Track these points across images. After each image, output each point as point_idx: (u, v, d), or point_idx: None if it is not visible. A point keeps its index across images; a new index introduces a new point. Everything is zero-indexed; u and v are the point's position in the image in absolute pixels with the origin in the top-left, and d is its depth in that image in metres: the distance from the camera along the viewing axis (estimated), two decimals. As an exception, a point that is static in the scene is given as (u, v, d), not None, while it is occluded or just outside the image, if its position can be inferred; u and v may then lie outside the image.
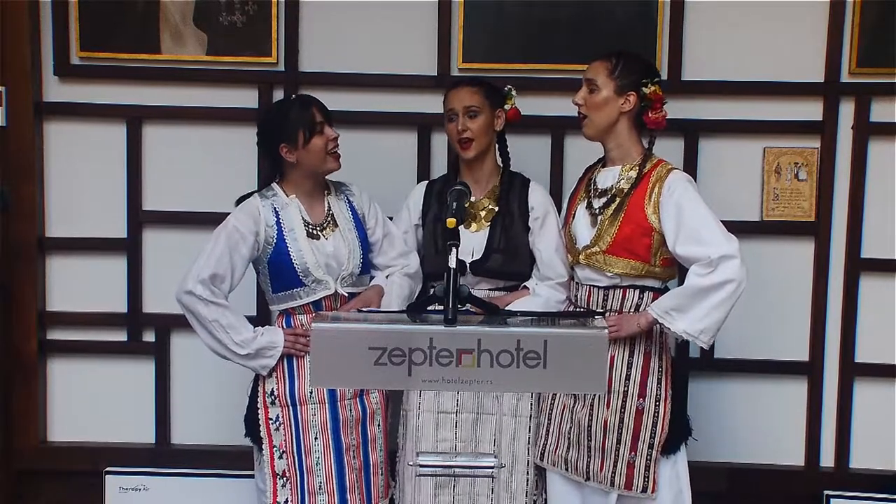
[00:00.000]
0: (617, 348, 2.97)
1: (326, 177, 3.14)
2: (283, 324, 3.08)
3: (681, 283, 3.12)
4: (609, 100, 2.96)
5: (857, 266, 3.68)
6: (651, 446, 2.94)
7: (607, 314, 2.99)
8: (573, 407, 3.03)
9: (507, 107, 3.22)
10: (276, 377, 3.03)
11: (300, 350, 3.01)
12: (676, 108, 3.29)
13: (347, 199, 3.17)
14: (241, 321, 2.99)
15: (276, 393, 3.02)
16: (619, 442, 2.96)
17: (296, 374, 3.03)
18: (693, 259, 2.84)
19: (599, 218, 2.99)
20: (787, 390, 3.73)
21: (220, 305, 2.94)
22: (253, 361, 3.00)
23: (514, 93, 3.24)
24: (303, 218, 3.05)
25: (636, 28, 3.59)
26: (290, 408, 3.02)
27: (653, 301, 2.94)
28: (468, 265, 3.11)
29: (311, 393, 3.01)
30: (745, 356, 3.70)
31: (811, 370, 3.71)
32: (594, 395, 2.97)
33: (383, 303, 3.11)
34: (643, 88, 2.96)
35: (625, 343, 2.96)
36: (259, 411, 3.04)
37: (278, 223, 3.02)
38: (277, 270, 3.02)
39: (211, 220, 3.12)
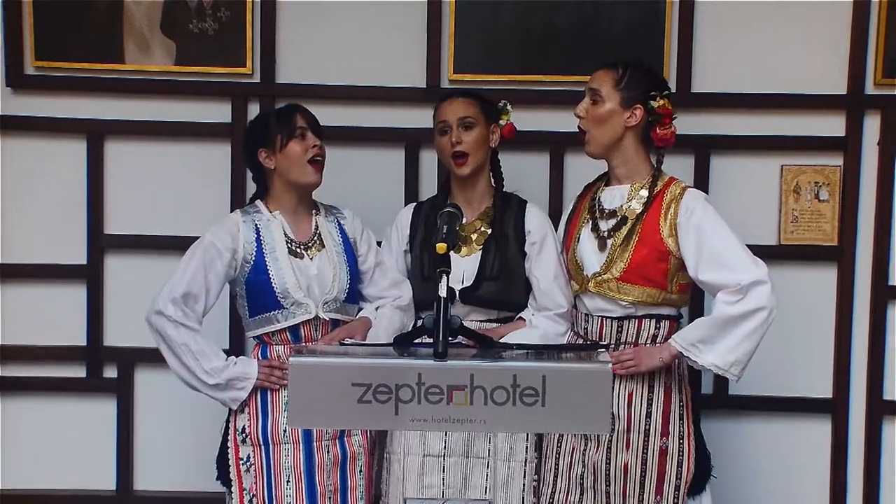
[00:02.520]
0: (635, 384, 3.00)
1: (316, 198, 3.21)
2: (259, 355, 3.13)
3: (693, 309, 3.15)
4: (613, 113, 3.00)
5: (885, 294, 3.73)
6: (678, 488, 2.98)
7: (622, 347, 3.03)
8: (585, 449, 3.05)
9: (502, 122, 3.27)
10: (249, 413, 3.07)
11: (274, 383, 3.05)
12: (686, 123, 3.32)
13: (338, 222, 3.24)
14: (213, 348, 3.03)
15: (247, 431, 3.06)
16: (642, 486, 2.98)
17: (269, 410, 3.07)
18: (719, 286, 2.88)
19: (609, 242, 3.02)
20: (809, 430, 3.77)
21: (191, 329, 2.98)
22: (222, 393, 3.03)
23: (509, 108, 3.29)
24: (286, 235, 3.11)
25: (642, 36, 3.66)
26: (262, 447, 3.06)
27: (669, 330, 3.00)
28: (457, 293, 3.13)
29: (284, 432, 3.05)
30: (762, 393, 3.74)
31: (835, 408, 3.76)
32: (611, 437, 2.99)
33: (370, 336, 3.14)
34: (651, 102, 3.00)
35: (643, 378, 3.00)
36: (229, 450, 3.08)
37: (258, 240, 3.08)
38: (255, 291, 3.07)
39: (179, 245, 3.15)
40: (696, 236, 2.91)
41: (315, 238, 3.15)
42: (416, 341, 2.30)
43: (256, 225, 3.10)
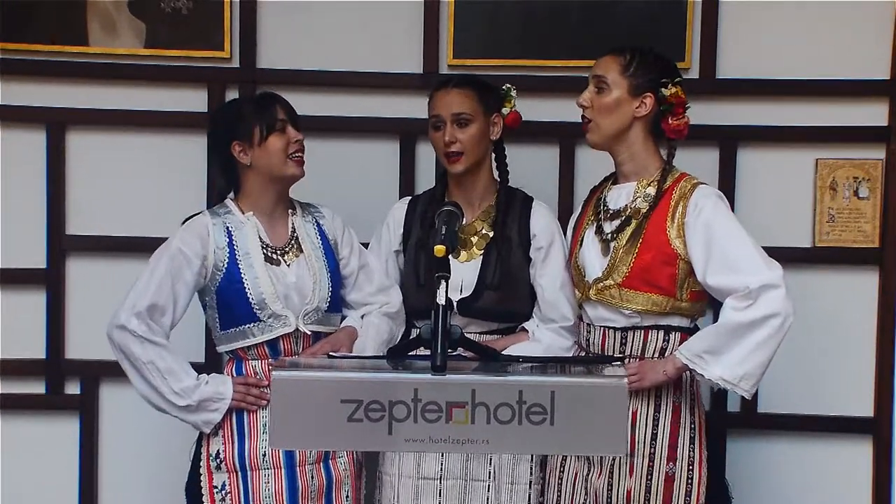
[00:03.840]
0: (639, 402, 2.99)
1: (292, 196, 3.20)
2: (233, 371, 3.12)
3: (714, 320, 3.15)
4: (621, 102, 3.01)
5: (931, 301, 3.72)
6: None
7: (626, 361, 3.01)
8: (587, 474, 3.05)
9: (505, 111, 3.26)
10: (223, 436, 3.06)
11: (252, 403, 3.05)
12: (710, 113, 3.33)
13: (317, 222, 3.23)
14: (183, 365, 3.02)
15: (222, 456, 3.05)
16: (646, 516, 2.98)
17: (246, 432, 3.06)
18: (727, 290, 2.87)
19: (613, 245, 3.02)
20: (848, 453, 3.76)
21: (157, 345, 2.97)
22: (194, 415, 3.03)
23: (513, 94, 3.27)
24: (261, 239, 3.09)
25: (661, 16, 3.66)
26: (239, 474, 3.04)
27: (680, 343, 2.98)
28: (455, 304, 3.13)
29: (264, 456, 3.04)
30: (794, 411, 3.74)
31: (877, 428, 3.74)
32: (614, 460, 2.98)
33: (356, 348, 3.14)
34: (662, 89, 3.01)
35: (648, 395, 2.99)
36: (202, 478, 3.07)
37: (231, 245, 3.06)
38: (227, 302, 3.06)
39: (150, 248, 3.13)
40: (705, 236, 2.91)
41: (292, 242, 3.15)
42: (412, 354, 2.31)
43: (228, 228, 3.08)
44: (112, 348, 3.01)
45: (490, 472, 3.11)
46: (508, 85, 3.29)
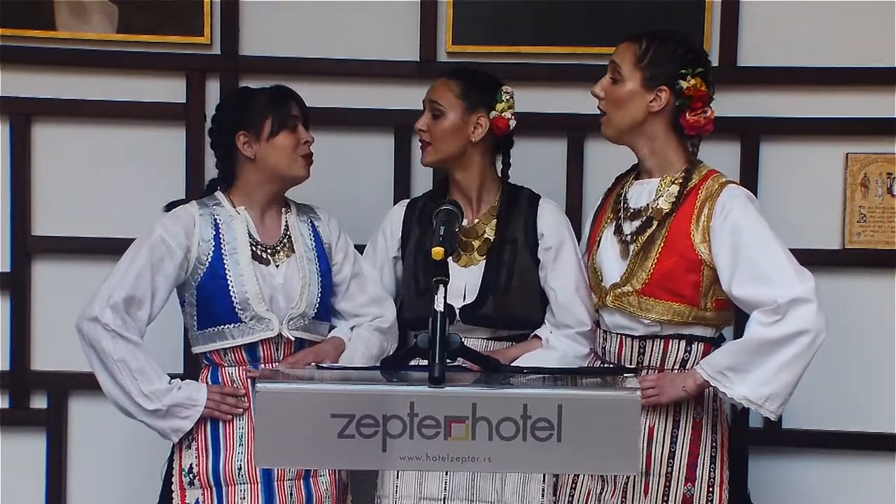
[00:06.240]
0: (657, 417, 3.00)
1: (288, 194, 3.23)
2: (208, 379, 3.14)
3: (738, 329, 3.16)
4: (634, 95, 2.99)
5: (969, 309, 3.72)
6: None
7: (644, 372, 3.02)
8: (601, 493, 3.06)
9: (492, 113, 3.21)
10: (197, 449, 3.08)
11: (226, 412, 3.07)
12: (731, 103, 3.34)
13: (312, 223, 3.26)
14: (155, 367, 3.03)
15: (195, 470, 3.07)
16: (661, 540, 3.00)
17: (221, 444, 3.09)
18: (755, 303, 2.86)
19: (632, 247, 3.02)
20: (877, 472, 3.77)
21: (130, 342, 2.99)
22: (162, 421, 3.04)
23: (506, 97, 3.21)
24: (250, 235, 3.12)
25: (678, -1, 3.67)
26: (214, 489, 3.07)
27: (703, 354, 2.98)
28: (458, 311, 3.15)
29: (239, 470, 3.07)
30: (820, 427, 3.75)
31: (910, 446, 3.76)
32: (628, 479, 2.99)
33: (343, 361, 3.16)
34: (680, 82, 2.97)
35: (667, 410, 3.00)
36: (174, 494, 3.09)
37: (217, 238, 3.09)
38: (208, 299, 3.09)
39: (123, 250, 3.15)
40: (733, 242, 2.89)
41: (284, 241, 3.18)
42: (408, 364, 2.33)
43: (216, 220, 3.11)
44: (81, 341, 3.02)
45: (498, 492, 3.12)
46: (507, 88, 3.24)
